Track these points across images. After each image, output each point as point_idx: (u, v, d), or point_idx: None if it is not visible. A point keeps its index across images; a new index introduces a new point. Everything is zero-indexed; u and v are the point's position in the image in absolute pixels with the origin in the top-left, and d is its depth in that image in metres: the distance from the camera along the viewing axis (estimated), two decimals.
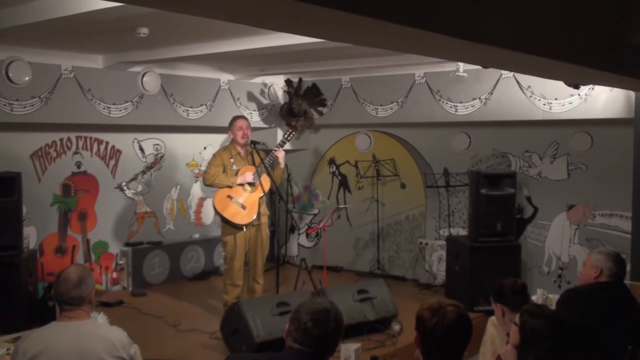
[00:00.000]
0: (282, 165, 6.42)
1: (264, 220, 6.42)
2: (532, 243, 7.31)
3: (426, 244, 8.04)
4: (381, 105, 7.93)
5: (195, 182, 8.45)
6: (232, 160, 6.32)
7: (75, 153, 7.31)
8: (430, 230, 8.07)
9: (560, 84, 6.27)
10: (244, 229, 6.20)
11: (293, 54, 6.20)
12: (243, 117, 6.55)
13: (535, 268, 7.30)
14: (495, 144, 7.55)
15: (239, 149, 6.38)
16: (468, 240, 6.98)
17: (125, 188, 7.78)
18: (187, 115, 7.69)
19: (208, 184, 6.26)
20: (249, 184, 6.24)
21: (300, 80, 8.21)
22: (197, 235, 8.46)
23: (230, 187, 6.19)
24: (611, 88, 6.23)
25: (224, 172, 6.25)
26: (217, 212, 6.25)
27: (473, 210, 6.96)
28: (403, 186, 8.28)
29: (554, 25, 2.99)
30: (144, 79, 7.23)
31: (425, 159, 8.05)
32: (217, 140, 8.50)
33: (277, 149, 6.35)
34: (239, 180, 6.20)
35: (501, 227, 6.77)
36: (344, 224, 8.69)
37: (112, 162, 7.66)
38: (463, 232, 7.67)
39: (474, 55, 3.10)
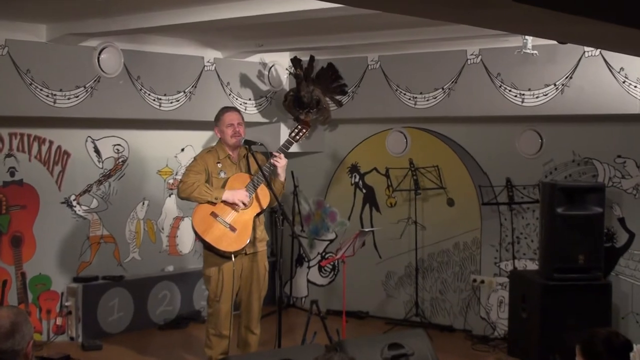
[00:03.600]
0: (282, 178, 6.41)
1: (261, 247, 6.44)
2: (626, 281, 7.29)
3: (482, 281, 8.04)
4: (421, 94, 7.92)
5: (170, 195, 8.47)
6: (218, 165, 6.34)
7: (8, 156, 7.32)
8: (487, 263, 8.05)
9: None
10: (234, 259, 6.21)
11: (302, 23, 6.20)
12: (234, 109, 6.56)
13: (631, 315, 7.27)
14: (575, 147, 7.54)
15: (229, 151, 6.39)
16: (539, 277, 6.94)
17: (74, 203, 7.77)
18: (159, 106, 7.68)
19: (184, 197, 6.26)
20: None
21: (312, 58, 8.20)
22: (170, 268, 8.46)
23: (214, 203, 6.22)
24: None
25: (207, 181, 6.28)
26: (197, 236, 6.26)
27: (546, 236, 6.92)
28: (451, 203, 8.27)
29: None
30: (102, 56, 7.21)
31: (481, 166, 8.05)
32: (199, 140, 8.51)
33: (277, 154, 6.35)
34: (227, 195, 6.21)
35: (584, 259, 6.76)
36: (371, 254, 8.67)
37: (58, 169, 7.65)
38: (532, 265, 7.65)
39: (552, 27, 3.07)
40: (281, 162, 6.32)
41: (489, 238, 8.03)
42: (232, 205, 6.20)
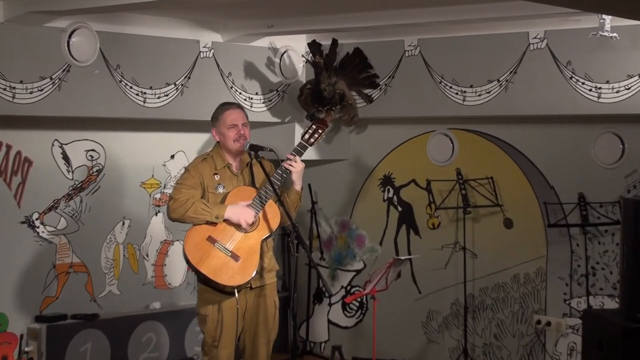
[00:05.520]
0: (299, 187, 6.33)
1: (270, 279, 6.39)
2: None
3: (548, 324, 8.00)
4: (471, 87, 7.95)
5: (156, 213, 8.50)
6: (216, 177, 6.28)
7: None
8: (554, 299, 8.03)
9: None
10: (236, 295, 6.16)
11: None
12: (237, 105, 6.50)
13: None
14: None
15: (229, 158, 6.33)
16: (620, 318, 6.85)
17: (37, 224, 7.79)
18: (144, 102, 7.70)
19: (176, 217, 6.19)
20: None
21: (335, 43, 8.21)
22: (157, 305, 8.46)
23: (214, 223, 6.18)
24: None
25: (202, 197, 6.23)
26: (190, 266, 6.21)
27: (629, 266, 6.83)
28: (509, 224, 8.26)
29: None
30: (72, 40, 7.23)
31: (547, 178, 8.06)
32: (192, 144, 8.57)
33: (291, 157, 6.30)
34: (231, 213, 6.16)
35: None
36: (408, 288, 8.67)
37: (17, 180, 7.67)
38: (611, 303, 7.63)
39: None
40: (297, 167, 6.25)
41: (557, 269, 8.00)
42: (236, 225, 6.15)
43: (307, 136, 6.45)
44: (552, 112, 7.65)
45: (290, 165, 6.24)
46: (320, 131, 6.48)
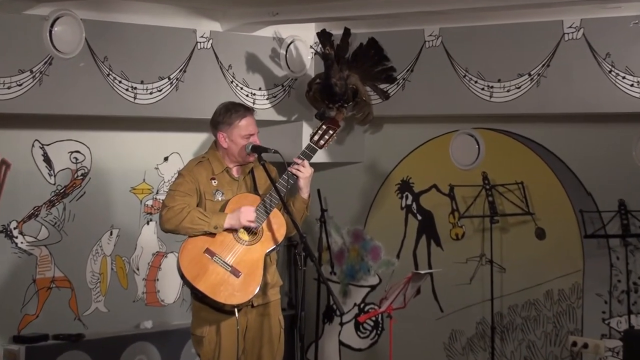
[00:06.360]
0: (306, 195, 6.33)
1: (274, 296, 6.40)
2: None
3: (584, 345, 7.96)
4: (499, 82, 7.94)
5: (148, 222, 8.50)
6: (214, 183, 6.27)
7: None
8: (592, 319, 8.01)
9: None
10: (237, 314, 6.15)
11: None
12: (252, 110, 6.41)
13: None
14: None
15: (228, 162, 6.33)
16: None
17: (15, 233, 7.77)
18: (134, 98, 7.71)
19: (170, 228, 6.17)
20: (247, 229, 6.21)
21: (348, 32, 8.24)
22: (149, 324, 8.45)
23: (212, 234, 6.15)
24: None
25: (199, 205, 6.23)
26: (185, 283, 6.19)
27: None
28: (541, 234, 8.26)
29: None
30: (55, 29, 7.21)
31: (584, 183, 8.06)
32: (188, 145, 8.58)
33: (299, 162, 6.27)
34: (232, 221, 6.14)
35: None
36: (428, 306, 8.69)
37: None
38: None
39: None
40: (305, 172, 6.23)
41: (595, 285, 7.99)
42: (237, 237, 6.15)
43: (316, 137, 6.46)
44: (589, 109, 7.66)
45: (298, 170, 6.23)
46: (331, 132, 6.50)
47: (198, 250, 6.12)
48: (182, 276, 6.12)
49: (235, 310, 6.12)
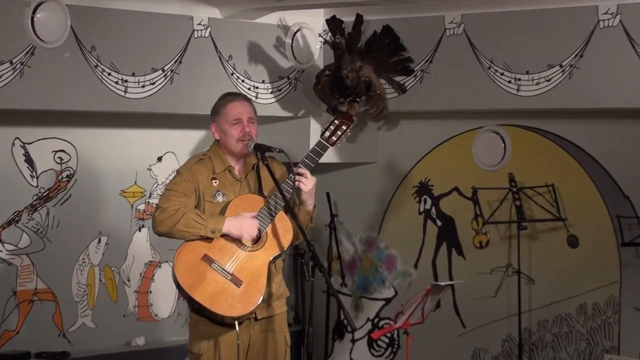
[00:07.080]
0: (310, 207, 6.32)
1: (280, 308, 6.34)
2: None
3: None
4: (527, 73, 7.95)
5: (140, 229, 8.45)
6: (214, 183, 6.24)
7: None
8: (629, 335, 8.07)
9: None
10: (237, 328, 6.09)
11: None
12: (242, 96, 6.44)
13: None
14: None
15: (230, 160, 6.29)
16: None
17: None
18: (125, 92, 7.69)
19: (164, 231, 6.11)
20: None
21: (360, 19, 8.25)
22: (140, 341, 8.47)
23: (209, 239, 6.12)
24: None
25: (197, 206, 6.20)
26: (181, 292, 6.16)
27: None
28: (573, 242, 8.28)
29: None
30: (38, 15, 7.22)
31: (620, 185, 8.10)
32: (184, 144, 8.65)
33: (301, 171, 6.22)
34: (231, 226, 6.11)
35: None
36: (449, 321, 8.76)
37: None
38: None
39: None
40: (307, 184, 6.18)
41: (633, 297, 8.04)
42: (237, 242, 6.13)
43: (327, 133, 6.38)
44: (626, 104, 7.66)
45: (300, 182, 6.19)
46: (344, 127, 6.43)
47: (195, 257, 6.08)
48: (178, 285, 6.08)
49: (236, 323, 6.06)
